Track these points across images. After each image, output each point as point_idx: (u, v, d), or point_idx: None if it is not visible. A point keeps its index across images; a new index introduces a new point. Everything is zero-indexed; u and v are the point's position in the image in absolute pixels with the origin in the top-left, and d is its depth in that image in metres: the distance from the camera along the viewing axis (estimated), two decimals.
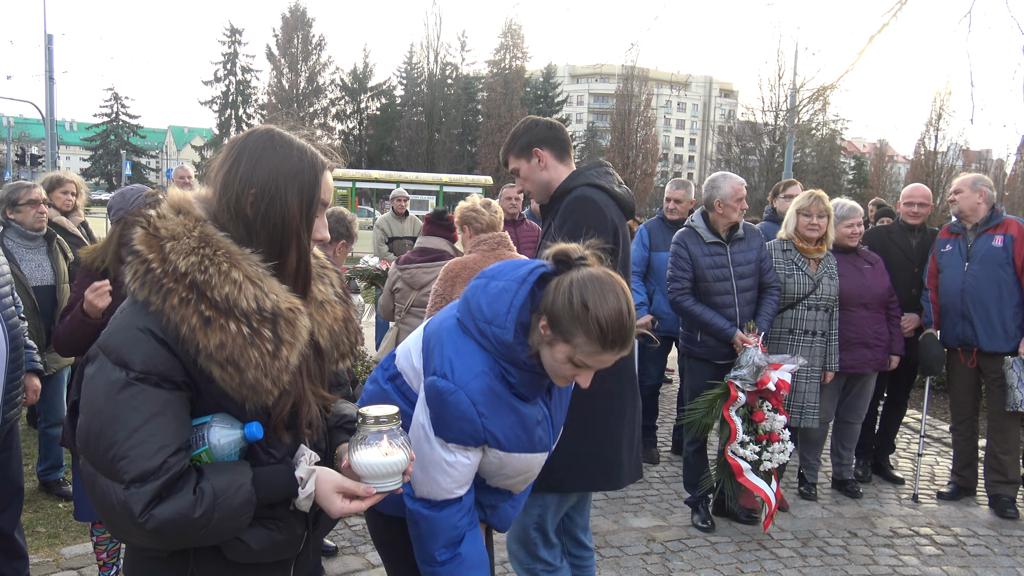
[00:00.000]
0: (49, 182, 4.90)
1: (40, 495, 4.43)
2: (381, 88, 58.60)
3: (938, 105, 44.10)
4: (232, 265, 1.40)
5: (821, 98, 10.81)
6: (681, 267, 4.30)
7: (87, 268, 3.06)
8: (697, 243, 4.31)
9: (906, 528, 4.47)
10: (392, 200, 8.46)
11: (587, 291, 1.67)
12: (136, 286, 1.39)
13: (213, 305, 1.36)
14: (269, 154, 1.45)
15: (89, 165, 65.58)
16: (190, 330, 1.34)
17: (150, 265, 1.38)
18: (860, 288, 4.76)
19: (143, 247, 1.41)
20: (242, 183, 1.43)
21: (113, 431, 1.31)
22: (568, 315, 1.69)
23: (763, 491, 4.04)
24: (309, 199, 1.49)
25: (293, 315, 1.44)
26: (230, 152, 1.48)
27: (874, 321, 4.80)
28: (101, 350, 1.39)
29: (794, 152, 29.46)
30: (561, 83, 65.64)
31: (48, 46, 23.40)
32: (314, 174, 1.49)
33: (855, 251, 4.85)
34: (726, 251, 4.30)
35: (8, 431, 2.99)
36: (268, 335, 1.39)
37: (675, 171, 72.20)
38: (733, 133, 52.59)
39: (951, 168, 43.38)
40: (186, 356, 1.36)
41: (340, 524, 4.18)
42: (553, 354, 1.75)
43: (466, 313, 1.83)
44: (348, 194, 28.22)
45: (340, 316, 1.62)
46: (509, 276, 1.81)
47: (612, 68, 63.42)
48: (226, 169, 1.46)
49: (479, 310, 1.80)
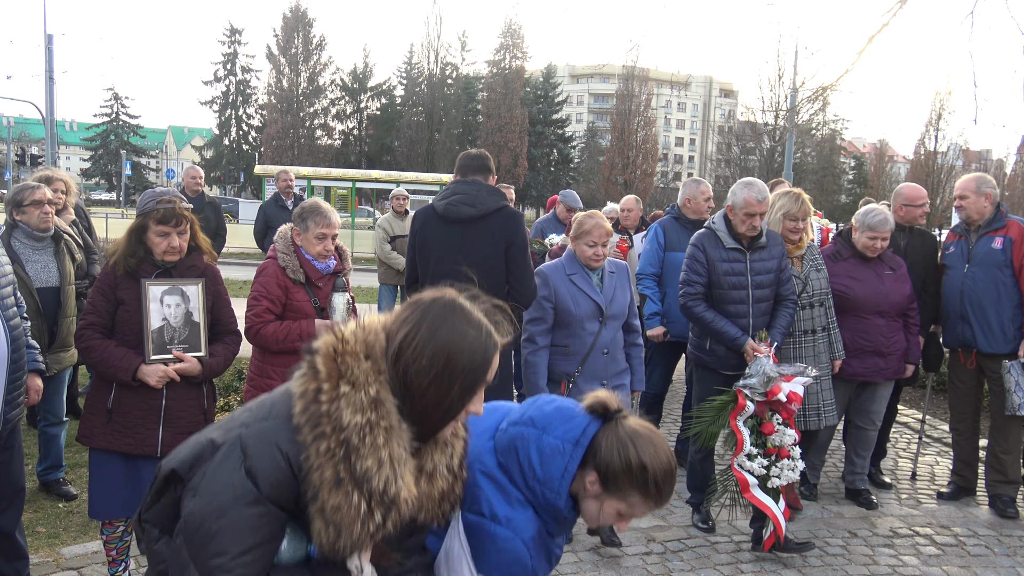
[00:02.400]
0: (38, 180, 4.87)
1: (40, 495, 4.43)
2: (381, 88, 58.58)
3: (938, 105, 44.16)
4: (387, 440, 1.41)
5: (821, 98, 10.82)
6: (696, 271, 4.10)
7: (107, 265, 3.13)
8: (716, 247, 4.09)
9: (906, 528, 4.48)
10: (392, 199, 8.47)
11: (643, 452, 1.63)
12: (299, 404, 1.41)
13: (351, 471, 1.37)
14: (448, 327, 1.44)
15: (89, 165, 65.60)
16: (320, 481, 1.36)
17: (319, 395, 1.40)
18: (877, 296, 4.57)
19: (323, 368, 1.42)
20: (415, 350, 1.43)
21: (228, 541, 1.34)
22: (625, 476, 1.64)
23: (770, 510, 3.84)
24: (472, 383, 1.47)
25: (407, 505, 1.45)
26: (412, 312, 1.48)
27: (890, 329, 4.63)
28: (240, 444, 1.40)
29: (794, 152, 29.44)
30: (561, 83, 65.58)
31: (48, 46, 23.39)
32: (485, 357, 1.47)
33: (879, 257, 4.65)
34: (745, 258, 4.08)
35: (10, 431, 2.99)
36: (378, 518, 1.40)
37: (675, 171, 72.28)
38: (733, 133, 52.59)
39: (951, 168, 43.40)
40: (304, 493, 1.39)
41: None
42: (602, 508, 1.70)
43: (514, 463, 1.73)
44: (348, 194, 28.23)
45: (439, 492, 1.58)
46: (561, 435, 1.70)
47: (612, 68, 63.42)
48: (406, 331, 1.45)
49: (530, 467, 1.70)
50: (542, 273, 3.89)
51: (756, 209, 3.99)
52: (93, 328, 3.06)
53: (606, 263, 3.91)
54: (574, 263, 3.90)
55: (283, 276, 3.63)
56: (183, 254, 3.14)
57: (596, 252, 3.83)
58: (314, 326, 3.60)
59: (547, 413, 1.77)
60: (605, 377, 3.85)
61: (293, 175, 9.05)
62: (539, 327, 3.85)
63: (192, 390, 3.18)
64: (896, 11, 6.97)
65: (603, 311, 3.85)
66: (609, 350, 3.90)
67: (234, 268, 16.10)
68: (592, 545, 4.06)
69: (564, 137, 62.21)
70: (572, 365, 3.84)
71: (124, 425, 3.05)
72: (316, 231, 3.62)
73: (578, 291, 3.83)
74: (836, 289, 4.57)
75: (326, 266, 3.73)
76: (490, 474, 1.74)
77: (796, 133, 32.70)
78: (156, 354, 3.06)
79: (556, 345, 3.87)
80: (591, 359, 3.84)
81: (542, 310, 3.83)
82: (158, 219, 3.05)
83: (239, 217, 33.79)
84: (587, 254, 3.84)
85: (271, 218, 8.19)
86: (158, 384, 3.04)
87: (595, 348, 3.83)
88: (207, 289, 3.20)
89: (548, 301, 3.82)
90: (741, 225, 4.05)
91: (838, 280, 4.60)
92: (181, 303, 3.12)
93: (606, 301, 3.87)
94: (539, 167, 57.83)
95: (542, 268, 3.96)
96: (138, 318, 3.04)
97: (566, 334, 3.86)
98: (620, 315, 3.96)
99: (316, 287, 3.70)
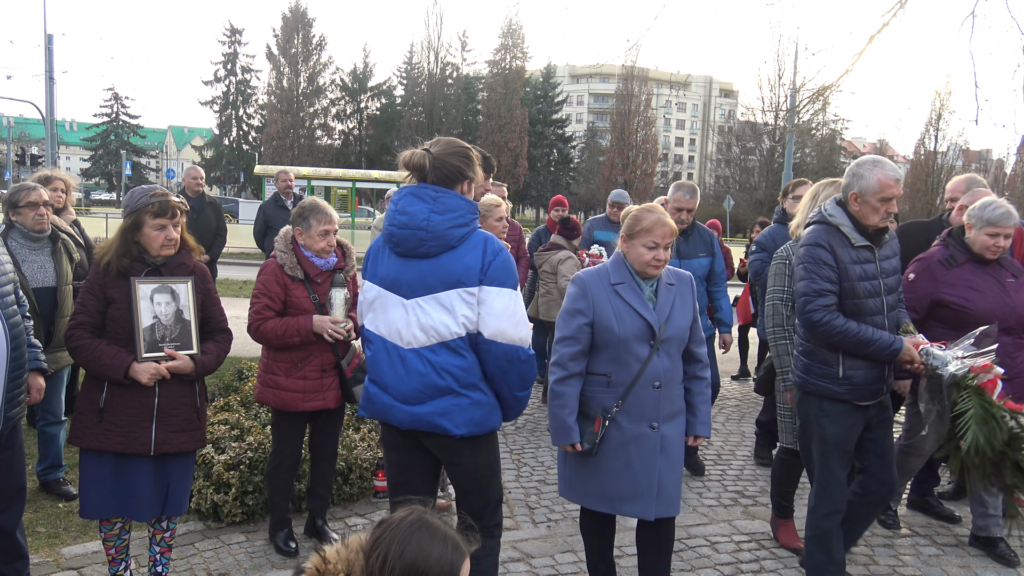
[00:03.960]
0: (38, 180, 4.88)
1: (40, 495, 4.43)
2: (381, 88, 58.67)
3: (938, 105, 44.23)
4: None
5: (821, 98, 10.82)
6: (827, 277, 3.25)
7: (97, 265, 3.12)
8: (844, 246, 3.29)
9: (906, 528, 4.48)
10: (387, 200, 8.46)
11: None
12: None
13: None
14: (414, 546, 1.56)
15: (89, 165, 65.69)
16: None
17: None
18: (1002, 309, 3.82)
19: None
20: (388, 570, 1.55)
21: None
22: None
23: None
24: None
25: None
26: (384, 532, 1.59)
27: (1016, 348, 3.87)
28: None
29: (794, 152, 29.46)
30: (561, 83, 65.68)
31: (48, 46, 23.41)
32: (452, 570, 1.58)
33: (997, 260, 3.92)
34: (875, 257, 3.34)
35: (11, 429, 2.99)
36: None
37: (675, 171, 72.27)
38: (733, 133, 52.66)
39: (951, 168, 43.45)
40: None
41: (341, 524, 4.19)
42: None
43: None
44: (348, 194, 28.23)
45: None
46: None
47: (612, 68, 63.41)
48: (378, 552, 1.57)
49: None
50: (580, 281, 3.10)
51: (895, 191, 3.24)
52: (83, 328, 3.05)
53: (664, 272, 3.11)
54: (622, 270, 3.08)
55: (282, 274, 3.71)
56: (177, 247, 3.16)
57: (657, 256, 3.01)
58: (312, 321, 3.66)
59: None
60: (655, 418, 3.02)
61: (293, 175, 9.05)
62: (570, 348, 3.03)
63: (184, 388, 3.17)
64: (896, 11, 6.98)
65: (655, 332, 3.00)
66: (662, 383, 3.02)
67: (234, 268, 16.10)
68: None
69: (564, 137, 62.27)
70: (612, 398, 3.03)
71: (116, 424, 3.04)
72: (319, 228, 3.71)
73: (623, 305, 3.01)
74: (952, 302, 3.88)
75: (326, 263, 3.79)
76: None
77: (796, 133, 32.70)
78: (148, 352, 3.05)
79: (594, 373, 3.07)
80: (636, 392, 3.00)
81: (576, 327, 3.03)
82: (155, 212, 3.05)
83: (239, 217, 33.87)
84: (645, 258, 3.01)
85: (271, 218, 8.19)
86: (149, 382, 3.03)
87: (642, 379, 2.99)
88: (196, 287, 3.20)
89: (583, 316, 3.02)
90: (874, 215, 3.25)
91: (954, 291, 3.90)
92: (171, 301, 3.12)
93: (660, 320, 3.02)
94: (539, 167, 57.91)
95: (580, 275, 3.15)
96: (128, 316, 3.04)
97: (607, 359, 3.04)
98: (679, 339, 3.08)
99: (315, 283, 3.76)
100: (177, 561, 3.67)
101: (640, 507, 3.05)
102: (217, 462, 4.12)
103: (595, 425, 3.02)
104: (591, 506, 3.15)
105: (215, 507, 4.06)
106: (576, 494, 3.17)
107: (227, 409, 4.91)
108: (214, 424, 4.56)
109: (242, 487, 4.06)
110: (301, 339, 3.65)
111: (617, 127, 54.06)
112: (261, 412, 4.78)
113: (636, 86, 53.33)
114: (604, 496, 3.08)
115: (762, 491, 4.95)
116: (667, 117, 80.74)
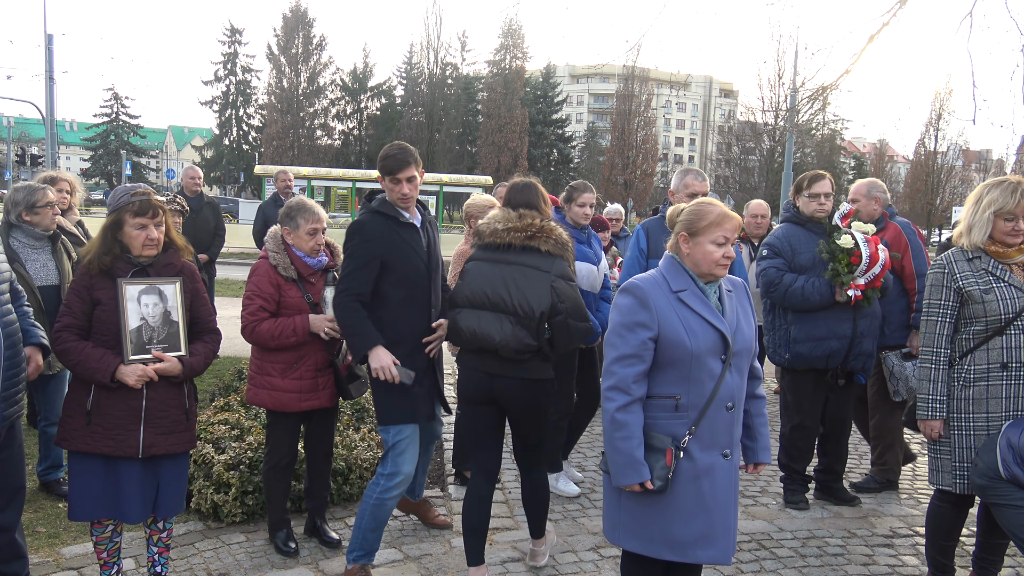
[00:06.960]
0: (43, 181, 4.91)
1: (40, 495, 4.43)
2: (381, 88, 58.67)
3: (938, 105, 44.25)
4: None
5: (821, 98, 10.82)
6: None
7: (82, 266, 3.10)
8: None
9: (906, 528, 4.47)
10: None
11: None
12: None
13: None
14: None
15: (89, 165, 65.67)
16: None
17: None
18: None
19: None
20: None
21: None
22: None
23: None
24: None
25: None
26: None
27: None
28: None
29: (794, 152, 29.44)
30: (561, 83, 65.67)
31: (48, 46, 23.43)
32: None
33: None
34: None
35: (9, 428, 2.99)
36: None
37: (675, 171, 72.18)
38: (733, 133, 52.66)
39: (951, 168, 43.46)
40: None
41: (341, 524, 4.19)
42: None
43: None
44: (348, 194, 28.23)
45: None
46: None
47: (612, 68, 63.32)
48: None
49: None
50: (637, 288, 2.64)
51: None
52: (69, 330, 3.02)
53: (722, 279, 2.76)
54: (682, 274, 2.67)
55: (275, 274, 3.71)
56: (160, 247, 3.13)
57: (727, 254, 2.63)
58: (307, 321, 3.65)
59: None
60: (728, 444, 2.65)
61: (292, 175, 9.05)
62: (633, 368, 2.57)
63: (172, 390, 3.14)
64: (896, 11, 6.97)
65: (728, 344, 2.61)
66: (735, 403, 2.65)
67: (234, 268, 16.09)
68: (592, 545, 4.06)
69: (564, 137, 62.25)
70: (682, 425, 2.59)
71: (104, 427, 3.01)
72: (307, 227, 3.71)
73: (692, 315, 2.60)
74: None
75: (317, 262, 3.80)
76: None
77: (796, 133, 32.70)
78: (135, 354, 3.02)
79: (657, 396, 2.62)
80: (710, 416, 2.59)
81: (638, 344, 2.57)
82: (135, 211, 3.03)
83: (239, 217, 33.81)
84: (714, 257, 2.61)
85: (270, 218, 8.17)
86: (137, 384, 3.00)
87: (716, 400, 2.59)
88: (185, 287, 3.18)
89: (646, 329, 2.57)
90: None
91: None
92: (159, 302, 3.09)
93: (731, 330, 2.64)
94: (539, 167, 57.85)
95: (636, 282, 2.68)
96: (115, 318, 3.01)
97: (674, 378, 2.60)
98: (747, 352, 2.70)
99: (308, 283, 3.77)
100: (177, 561, 3.67)
101: (715, 552, 2.62)
102: (217, 462, 4.12)
103: (666, 458, 2.55)
104: (658, 555, 2.63)
105: (215, 507, 4.06)
106: (637, 541, 2.67)
107: (227, 409, 4.91)
108: (214, 424, 4.56)
109: (242, 487, 4.06)
110: (298, 339, 3.64)
111: (617, 127, 54.03)
112: (261, 412, 4.78)
113: (636, 86, 53.30)
114: (672, 541, 2.60)
115: (762, 491, 4.95)
116: (667, 117, 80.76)
